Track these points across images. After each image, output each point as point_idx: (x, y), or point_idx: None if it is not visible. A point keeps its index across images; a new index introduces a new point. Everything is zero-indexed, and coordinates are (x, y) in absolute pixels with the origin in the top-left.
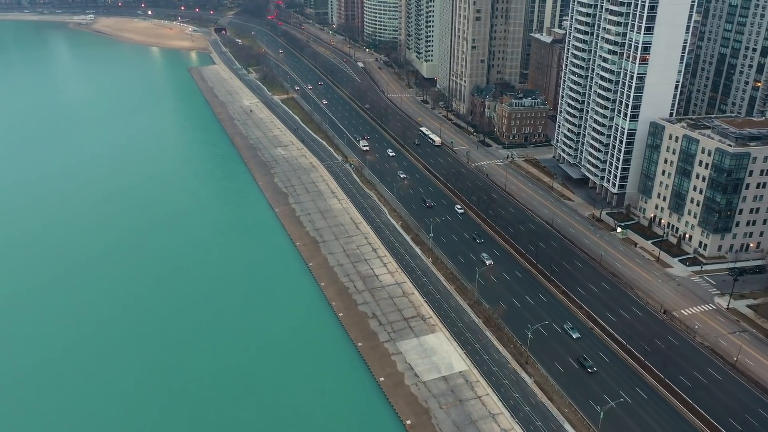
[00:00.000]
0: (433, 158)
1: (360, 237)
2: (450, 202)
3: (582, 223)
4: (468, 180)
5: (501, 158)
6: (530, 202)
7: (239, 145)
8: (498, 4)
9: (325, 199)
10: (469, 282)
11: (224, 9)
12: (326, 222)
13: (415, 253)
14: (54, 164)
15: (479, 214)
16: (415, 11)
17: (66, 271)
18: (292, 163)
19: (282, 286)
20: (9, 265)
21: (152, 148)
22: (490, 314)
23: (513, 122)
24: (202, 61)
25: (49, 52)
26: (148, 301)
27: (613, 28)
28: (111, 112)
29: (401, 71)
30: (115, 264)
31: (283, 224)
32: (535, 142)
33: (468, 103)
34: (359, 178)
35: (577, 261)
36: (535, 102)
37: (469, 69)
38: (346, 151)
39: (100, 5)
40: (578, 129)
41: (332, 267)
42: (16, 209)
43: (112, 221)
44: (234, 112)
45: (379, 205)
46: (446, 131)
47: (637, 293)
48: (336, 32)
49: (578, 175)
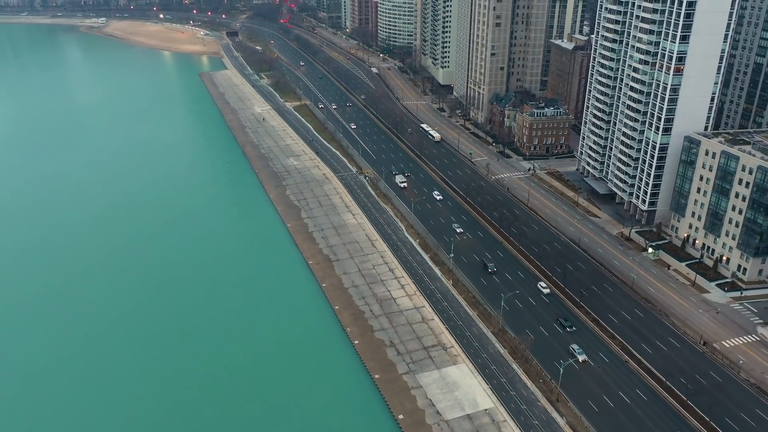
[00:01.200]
0: (452, 170)
1: (376, 255)
2: (470, 219)
3: (610, 243)
4: (488, 194)
5: (522, 171)
6: (554, 219)
7: (250, 154)
8: (519, 9)
9: (339, 213)
10: (494, 308)
11: (236, 12)
12: (340, 239)
13: (435, 275)
14: (61, 170)
15: (501, 232)
16: (431, 16)
17: (73, 276)
18: (305, 175)
19: (294, 308)
20: (18, 268)
21: (161, 157)
22: (517, 344)
23: (534, 133)
24: (213, 65)
25: (60, 56)
26: (151, 322)
27: (644, 36)
28: (120, 118)
29: (416, 77)
30: (121, 274)
31: (296, 241)
32: (557, 153)
33: (486, 112)
34: (374, 191)
35: (607, 285)
36: (558, 112)
37: (487, 76)
38: (361, 162)
39: (112, 8)
40: (605, 141)
41: (347, 288)
42: (26, 211)
43: (119, 231)
44: (245, 120)
45: (395, 220)
46: (464, 141)
47: (673, 321)
48: (349, 36)
49: (605, 190)
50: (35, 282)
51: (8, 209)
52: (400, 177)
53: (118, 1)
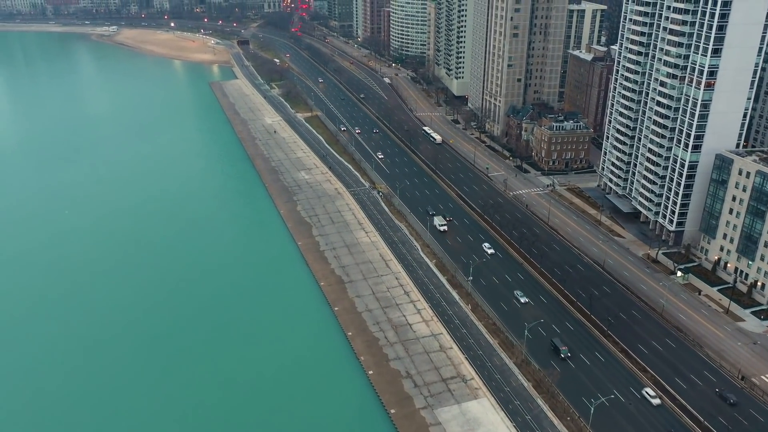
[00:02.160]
0: (468, 185)
1: (390, 277)
2: (489, 238)
3: (636, 265)
4: (507, 211)
5: (541, 186)
6: (576, 239)
7: (260, 167)
8: (537, 20)
9: (351, 231)
10: (516, 335)
11: (248, 21)
12: (353, 258)
13: (453, 299)
14: (69, 180)
15: (521, 252)
16: (445, 26)
17: (79, 284)
18: (316, 189)
19: (305, 333)
20: (26, 273)
21: (170, 169)
22: (542, 377)
23: (553, 147)
24: (224, 75)
25: (70, 64)
26: (155, 338)
27: (673, 49)
28: (129, 128)
29: (430, 88)
30: (125, 289)
31: (306, 260)
32: (576, 168)
33: (503, 125)
34: (388, 207)
35: (636, 311)
36: (577, 125)
37: (504, 88)
38: (374, 176)
39: (123, 16)
40: (628, 158)
41: (360, 313)
42: (35, 218)
43: (125, 245)
44: (255, 131)
45: (410, 239)
46: (480, 155)
47: (707, 353)
48: (361, 45)
49: (629, 208)
50: (43, 287)
51: (18, 215)
52: (439, 219)
53: (129, 9)
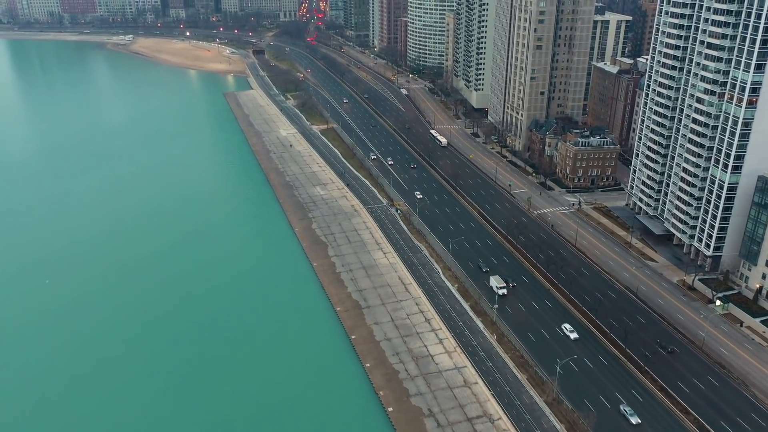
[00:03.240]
0: (490, 203)
1: (410, 302)
2: (513, 261)
3: (671, 292)
4: (531, 232)
5: (566, 205)
6: (606, 263)
7: (275, 182)
8: (561, 31)
9: (369, 251)
10: (546, 371)
11: (263, 30)
12: (371, 281)
13: (477, 328)
14: (81, 191)
15: (548, 277)
16: (464, 37)
17: (91, 294)
18: (332, 206)
19: (320, 364)
20: (37, 281)
21: (182, 183)
22: (575, 419)
23: (579, 163)
24: (238, 85)
25: (85, 73)
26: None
27: (711, 64)
28: (141, 140)
29: (448, 100)
30: (136, 303)
31: (322, 283)
32: (603, 186)
33: (525, 139)
34: (407, 226)
35: (674, 344)
36: (604, 141)
37: (526, 101)
38: (392, 193)
39: (140, 25)
40: (661, 177)
41: (379, 342)
42: (46, 226)
43: (136, 257)
44: (270, 144)
45: (430, 261)
46: (502, 171)
47: (754, 393)
48: (377, 56)
49: (661, 230)
50: (54, 293)
51: (31, 222)
52: (497, 280)
53: (145, 18)
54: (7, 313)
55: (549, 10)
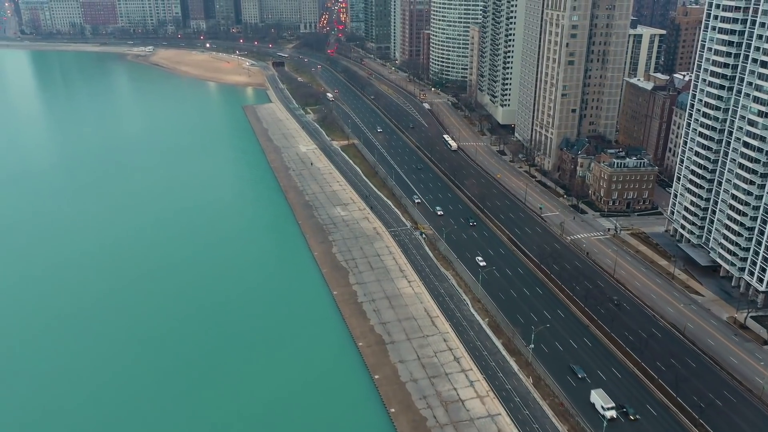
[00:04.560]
0: (519, 227)
1: (437, 338)
2: (547, 293)
3: (722, 331)
4: (565, 260)
5: (601, 230)
6: (648, 296)
7: (293, 201)
8: (594, 46)
9: (392, 279)
10: (590, 423)
11: (283, 42)
12: (395, 313)
13: (510, 369)
14: (92, 207)
15: (586, 312)
16: (490, 50)
17: (103, 305)
18: (353, 228)
19: (341, 407)
20: (50, 290)
21: (197, 201)
22: None
23: (614, 186)
24: (258, 98)
25: (105, 85)
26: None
27: (766, 84)
28: (157, 154)
29: (472, 115)
30: (145, 326)
31: (342, 314)
32: (639, 210)
33: (555, 158)
34: (432, 252)
35: (729, 392)
36: (641, 162)
37: (557, 119)
38: (416, 215)
39: (160, 36)
40: (706, 203)
41: (404, 383)
42: (62, 235)
43: (147, 279)
44: (289, 160)
45: (458, 291)
46: (532, 192)
47: None
48: (398, 68)
49: (706, 261)
50: (65, 302)
51: (46, 233)
52: (603, 397)
53: (166, 29)
54: (22, 320)
55: (582, 24)
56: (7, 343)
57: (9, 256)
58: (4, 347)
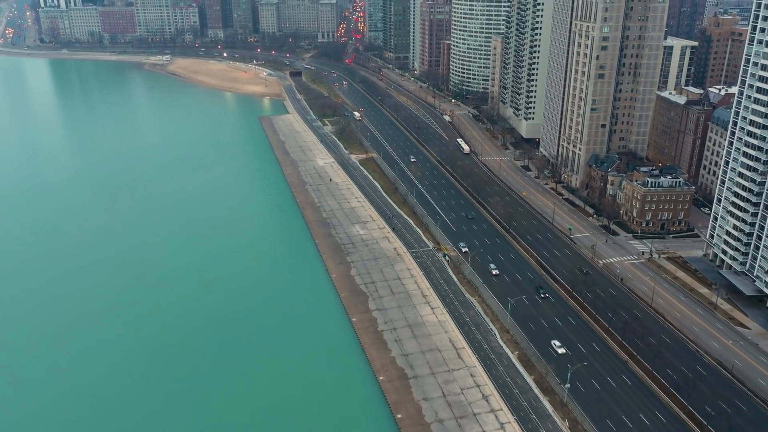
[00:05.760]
0: (548, 250)
1: (464, 373)
2: (581, 322)
3: None
4: (599, 286)
5: (635, 254)
6: (690, 328)
7: (310, 219)
8: (626, 59)
9: (414, 305)
10: None
11: (301, 51)
12: (418, 344)
13: (544, 410)
14: (104, 223)
15: (624, 346)
16: (513, 62)
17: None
18: (373, 249)
19: None
20: (64, 298)
21: (211, 219)
22: None
23: (648, 206)
24: (275, 109)
25: (122, 95)
26: None
27: None
28: (172, 167)
29: (494, 128)
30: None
31: (362, 343)
32: (674, 231)
33: (583, 175)
34: (456, 275)
35: None
36: (677, 181)
37: (586, 134)
38: (438, 235)
39: (178, 45)
40: (751, 228)
41: (429, 424)
42: (76, 245)
43: (157, 304)
44: (306, 174)
45: (485, 320)
46: (560, 212)
47: None
48: (417, 79)
49: (752, 290)
50: (78, 311)
51: (59, 243)
52: None
53: (184, 38)
54: (38, 328)
55: (613, 35)
56: (20, 350)
57: (26, 265)
58: (18, 355)
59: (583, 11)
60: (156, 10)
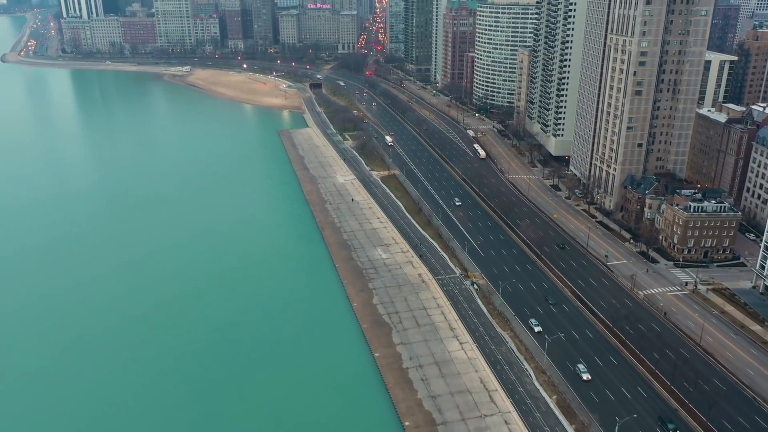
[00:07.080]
0: (584, 279)
1: (497, 419)
2: (623, 362)
3: None
4: (640, 321)
5: (677, 284)
6: (744, 371)
7: (330, 240)
8: (665, 75)
9: (441, 339)
10: None
11: (321, 63)
12: (446, 383)
13: None
14: (121, 236)
15: (674, 393)
16: (541, 76)
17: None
18: (396, 275)
19: None
20: (81, 309)
21: (227, 237)
22: None
23: (690, 232)
24: (294, 122)
25: (141, 106)
26: None
27: None
28: (188, 182)
29: (521, 145)
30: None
31: (386, 381)
32: (719, 260)
33: (617, 197)
34: (486, 306)
35: None
36: (722, 206)
37: (621, 154)
38: (465, 259)
39: (198, 56)
40: None
41: None
42: (90, 259)
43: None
44: (326, 192)
45: (518, 358)
46: (594, 237)
47: None
48: (439, 92)
49: None
50: (95, 320)
51: (76, 254)
52: None
53: (204, 49)
54: (54, 338)
55: (652, 50)
56: (38, 357)
57: (44, 272)
58: (36, 361)
59: (620, 25)
60: (177, 21)
